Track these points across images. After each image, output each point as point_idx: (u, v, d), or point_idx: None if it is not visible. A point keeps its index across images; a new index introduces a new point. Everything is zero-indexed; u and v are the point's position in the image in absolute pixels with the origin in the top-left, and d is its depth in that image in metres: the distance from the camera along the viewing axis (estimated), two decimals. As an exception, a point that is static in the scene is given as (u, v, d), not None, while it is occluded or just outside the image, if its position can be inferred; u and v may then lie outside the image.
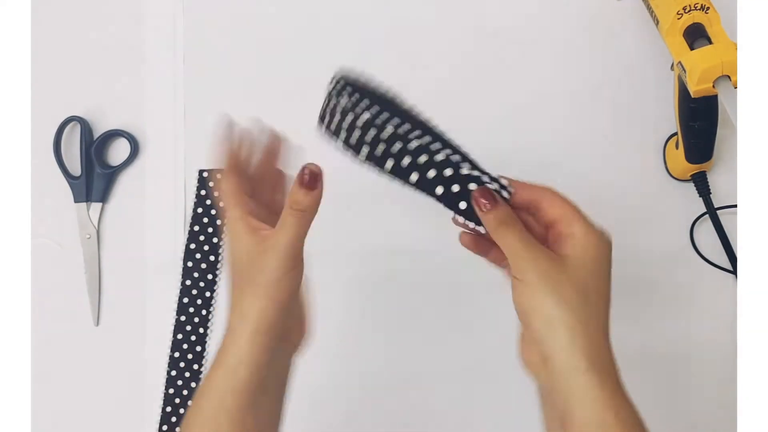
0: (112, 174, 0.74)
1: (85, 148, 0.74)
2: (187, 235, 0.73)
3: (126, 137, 0.75)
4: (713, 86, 0.57)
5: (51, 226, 0.74)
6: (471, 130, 0.73)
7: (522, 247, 0.44)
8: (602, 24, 0.74)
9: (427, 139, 0.46)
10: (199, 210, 0.73)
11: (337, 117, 0.45)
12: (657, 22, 0.63)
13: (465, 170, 0.45)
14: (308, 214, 0.46)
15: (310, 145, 0.48)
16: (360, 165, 0.46)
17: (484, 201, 0.44)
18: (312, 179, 0.45)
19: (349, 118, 0.45)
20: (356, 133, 0.45)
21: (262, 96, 0.75)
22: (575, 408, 0.42)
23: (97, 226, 0.74)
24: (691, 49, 0.60)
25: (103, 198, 0.74)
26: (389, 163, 0.45)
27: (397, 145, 0.45)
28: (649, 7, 0.65)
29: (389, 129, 0.45)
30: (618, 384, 0.43)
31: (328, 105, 0.46)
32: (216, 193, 0.69)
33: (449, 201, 0.45)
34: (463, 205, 0.45)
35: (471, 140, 0.73)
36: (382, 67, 0.75)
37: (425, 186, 0.45)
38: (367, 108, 0.45)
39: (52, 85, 0.77)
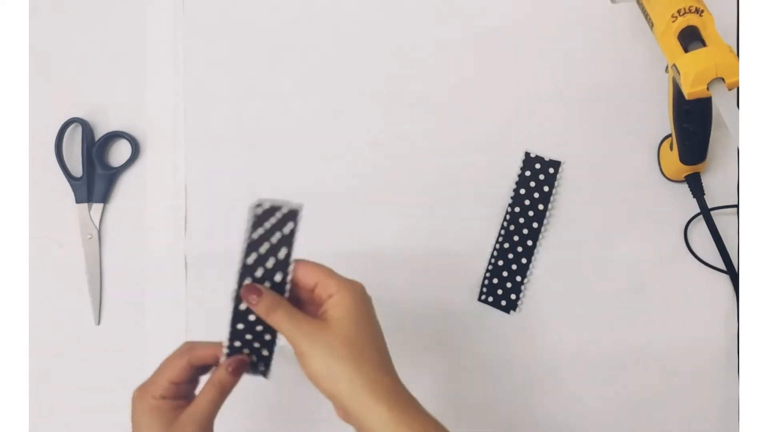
0: (113, 175, 0.75)
1: (87, 150, 0.75)
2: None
3: (127, 138, 0.75)
4: (707, 89, 0.57)
5: (52, 226, 0.75)
6: (467, 131, 0.74)
7: (290, 325, 0.50)
8: (597, 26, 0.74)
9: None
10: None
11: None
12: (651, 25, 0.64)
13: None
14: (226, 392, 0.52)
15: (308, 144, 0.49)
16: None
17: (252, 296, 0.51)
18: (239, 369, 0.52)
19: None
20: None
21: (262, 98, 0.76)
22: None
23: (98, 227, 0.74)
24: (686, 51, 0.60)
25: (105, 199, 0.75)
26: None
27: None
28: (643, 10, 0.66)
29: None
30: (408, 402, 0.49)
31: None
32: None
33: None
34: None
35: (466, 142, 0.74)
36: (381, 67, 0.76)
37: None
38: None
39: (53, 86, 0.77)
